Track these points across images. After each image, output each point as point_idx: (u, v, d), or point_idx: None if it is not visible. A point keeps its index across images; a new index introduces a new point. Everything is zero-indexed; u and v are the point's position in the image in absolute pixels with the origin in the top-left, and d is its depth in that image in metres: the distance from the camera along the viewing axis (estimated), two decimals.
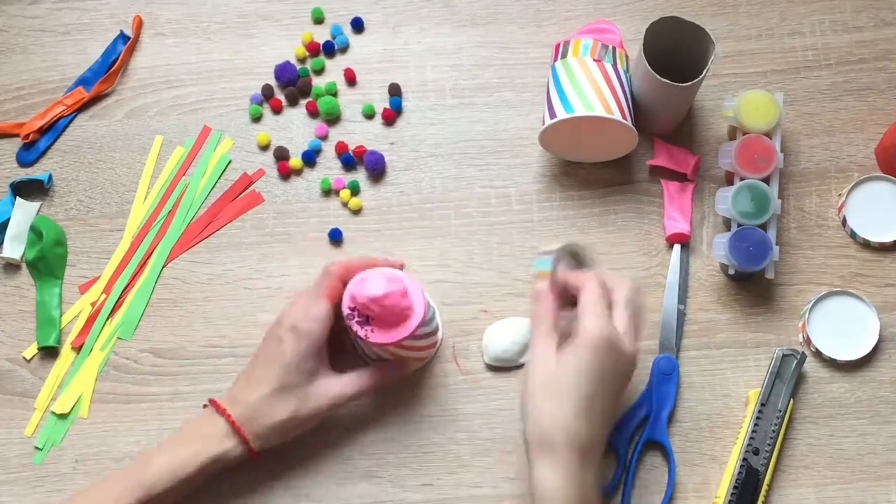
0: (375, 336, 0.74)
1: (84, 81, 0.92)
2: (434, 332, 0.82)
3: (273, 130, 0.91)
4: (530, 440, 0.70)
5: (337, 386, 0.76)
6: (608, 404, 0.71)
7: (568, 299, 0.75)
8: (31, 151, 0.91)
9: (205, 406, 0.78)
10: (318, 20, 0.94)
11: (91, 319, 0.87)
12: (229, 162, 0.91)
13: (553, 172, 0.90)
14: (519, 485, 0.82)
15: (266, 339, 0.77)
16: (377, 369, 0.78)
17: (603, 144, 0.86)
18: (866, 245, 0.87)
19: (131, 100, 0.92)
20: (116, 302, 0.87)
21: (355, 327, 0.74)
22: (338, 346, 0.80)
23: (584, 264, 0.78)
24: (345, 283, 0.75)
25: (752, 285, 0.86)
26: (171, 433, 0.78)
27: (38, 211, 0.89)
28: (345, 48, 0.94)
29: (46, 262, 0.87)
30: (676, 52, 0.84)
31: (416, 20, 0.94)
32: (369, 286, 0.73)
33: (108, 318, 0.87)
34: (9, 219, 0.88)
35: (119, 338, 0.86)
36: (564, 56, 0.85)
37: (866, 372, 0.84)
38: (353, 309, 0.74)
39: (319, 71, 0.93)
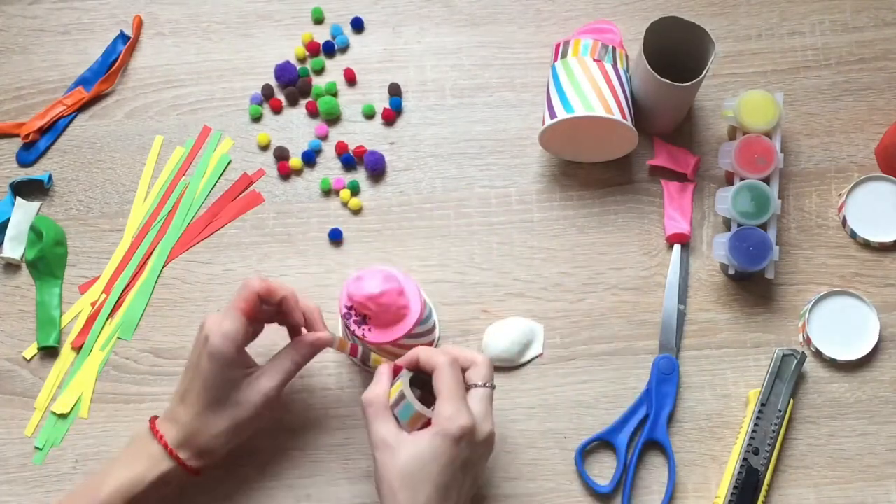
0: (373, 335, 0.74)
1: (84, 81, 0.92)
2: (431, 331, 0.82)
3: (273, 130, 0.91)
4: None
5: (264, 381, 0.73)
6: (464, 491, 0.70)
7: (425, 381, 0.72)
8: (31, 151, 0.91)
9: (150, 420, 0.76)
10: (318, 20, 0.94)
11: (91, 319, 0.87)
12: (229, 162, 0.91)
13: (553, 172, 0.90)
14: (519, 485, 0.82)
15: (192, 349, 0.75)
16: (293, 351, 0.75)
17: (603, 144, 0.86)
18: (866, 245, 0.87)
19: (131, 100, 0.92)
20: (116, 302, 0.87)
21: (353, 326, 0.74)
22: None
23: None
24: (263, 300, 0.74)
25: (752, 285, 0.86)
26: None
27: (38, 211, 0.89)
28: (345, 48, 0.94)
29: (46, 262, 0.87)
30: (676, 52, 0.84)
31: (416, 20, 0.94)
32: (366, 284, 0.73)
33: (108, 318, 0.87)
34: (9, 219, 0.88)
35: (119, 338, 0.86)
36: (564, 56, 0.85)
37: (866, 372, 0.84)
38: (349, 308, 0.74)
39: (319, 71, 0.93)
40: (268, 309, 0.76)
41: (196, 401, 0.73)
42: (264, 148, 0.91)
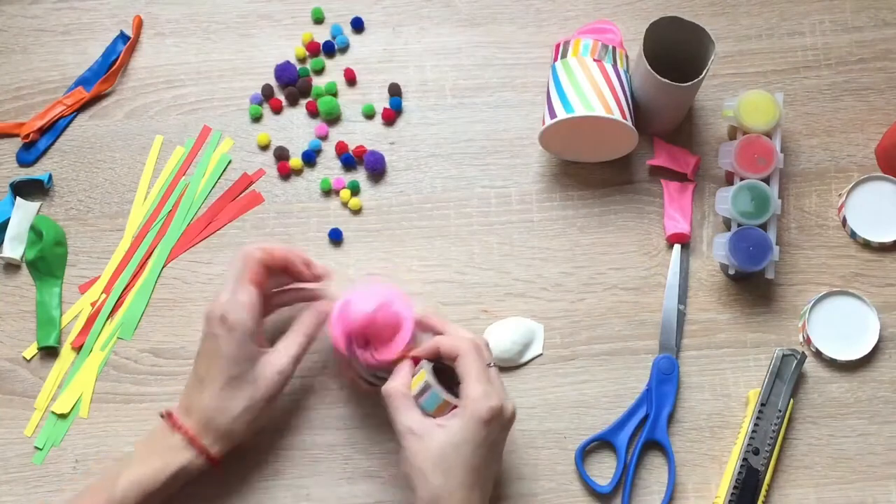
0: (380, 354, 0.74)
1: (84, 81, 0.92)
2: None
3: (273, 130, 0.91)
4: None
5: (278, 358, 0.75)
6: (491, 470, 0.71)
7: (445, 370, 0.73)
8: (31, 151, 0.91)
9: (161, 416, 0.77)
10: (318, 20, 0.94)
11: (91, 319, 0.87)
12: (229, 162, 0.91)
13: (553, 172, 0.90)
14: (519, 485, 0.82)
15: (203, 337, 0.76)
16: (302, 325, 0.77)
17: (603, 144, 0.86)
18: (866, 245, 0.87)
19: (131, 100, 0.92)
20: (116, 302, 0.87)
21: (357, 353, 0.74)
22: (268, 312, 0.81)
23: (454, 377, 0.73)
24: (267, 267, 0.75)
25: (752, 285, 0.86)
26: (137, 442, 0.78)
27: (38, 211, 0.89)
28: (345, 48, 0.94)
29: (46, 262, 0.87)
30: (676, 52, 0.84)
31: (416, 20, 0.94)
32: (356, 306, 0.73)
33: (108, 318, 0.87)
34: (9, 219, 0.88)
35: (119, 338, 0.86)
36: (564, 56, 0.85)
37: (866, 372, 0.84)
38: (348, 338, 0.74)
39: (319, 71, 0.93)
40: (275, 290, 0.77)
41: (215, 380, 0.73)
42: (264, 148, 0.91)
